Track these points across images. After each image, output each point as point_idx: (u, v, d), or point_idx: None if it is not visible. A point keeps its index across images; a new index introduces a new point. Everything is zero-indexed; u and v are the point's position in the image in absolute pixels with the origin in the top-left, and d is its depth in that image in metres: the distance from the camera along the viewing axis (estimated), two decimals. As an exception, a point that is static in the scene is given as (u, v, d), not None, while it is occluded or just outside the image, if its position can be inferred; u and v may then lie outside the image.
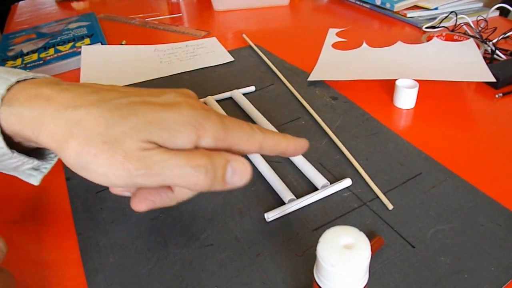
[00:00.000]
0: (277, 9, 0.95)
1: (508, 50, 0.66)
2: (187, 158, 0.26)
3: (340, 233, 0.23)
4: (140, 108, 0.26)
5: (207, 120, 0.27)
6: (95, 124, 0.25)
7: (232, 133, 0.28)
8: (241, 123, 0.29)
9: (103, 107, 0.26)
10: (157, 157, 0.25)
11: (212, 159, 0.26)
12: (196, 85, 0.61)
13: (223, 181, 0.27)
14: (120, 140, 0.25)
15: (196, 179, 0.26)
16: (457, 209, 0.37)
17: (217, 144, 0.28)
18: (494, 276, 0.31)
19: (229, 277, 0.32)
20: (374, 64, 0.62)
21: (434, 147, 0.45)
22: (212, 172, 0.26)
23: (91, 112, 0.26)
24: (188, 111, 0.27)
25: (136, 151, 0.25)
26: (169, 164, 0.25)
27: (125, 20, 0.93)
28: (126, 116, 0.26)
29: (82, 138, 0.25)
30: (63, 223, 0.38)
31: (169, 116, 0.26)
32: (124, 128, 0.25)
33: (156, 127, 0.26)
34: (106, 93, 0.27)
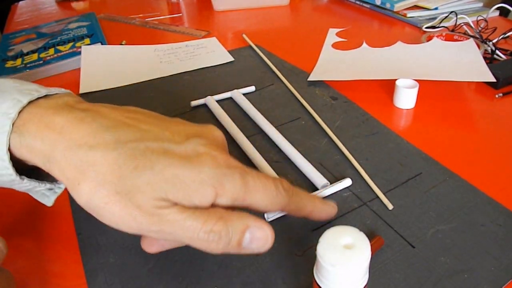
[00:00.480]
0: (277, 9, 0.95)
1: (508, 50, 0.66)
2: (202, 221, 0.24)
3: (340, 233, 0.24)
4: (157, 160, 0.24)
5: (229, 180, 0.25)
6: (109, 171, 0.24)
7: (253, 195, 0.26)
8: (267, 183, 0.27)
9: (119, 151, 0.24)
10: (171, 216, 0.24)
11: (228, 225, 0.25)
12: (196, 85, 0.61)
13: (239, 247, 0.26)
14: (134, 194, 0.24)
15: (207, 244, 0.25)
16: (457, 209, 0.37)
17: (234, 203, 0.26)
18: (494, 276, 0.31)
19: (229, 277, 0.32)
20: (374, 64, 0.62)
21: (434, 147, 0.45)
22: (226, 239, 0.25)
23: (106, 156, 0.24)
24: (209, 169, 0.25)
25: (150, 208, 0.24)
26: (183, 226, 0.24)
27: (125, 20, 0.93)
28: (142, 169, 0.24)
29: (94, 184, 0.24)
30: (63, 223, 0.38)
31: (186, 175, 0.25)
32: (138, 183, 0.24)
33: (172, 186, 0.24)
34: (123, 131, 0.25)
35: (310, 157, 0.44)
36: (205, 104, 0.55)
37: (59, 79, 0.68)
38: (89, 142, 0.25)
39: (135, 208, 0.24)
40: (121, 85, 0.62)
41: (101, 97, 0.59)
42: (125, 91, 0.61)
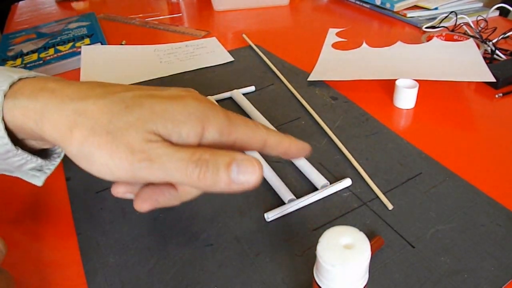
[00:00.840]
0: (277, 9, 0.95)
1: (508, 50, 0.66)
2: (190, 153, 0.25)
3: (340, 233, 0.23)
4: (145, 100, 0.26)
5: (213, 112, 0.27)
6: (100, 115, 0.25)
7: (236, 127, 0.28)
8: (246, 119, 0.29)
9: (109, 98, 0.26)
10: (160, 150, 0.25)
11: (215, 155, 0.25)
12: (196, 85, 0.61)
13: (228, 179, 0.25)
14: (125, 131, 0.25)
15: (197, 178, 0.25)
16: (457, 209, 0.37)
17: (221, 138, 0.27)
18: (494, 276, 0.31)
19: (229, 277, 0.32)
20: (374, 64, 0.62)
21: (434, 147, 0.45)
22: (214, 168, 0.25)
23: (97, 103, 0.25)
24: (194, 102, 0.27)
25: (140, 143, 0.25)
26: (172, 158, 0.25)
27: (125, 20, 0.93)
28: (132, 107, 0.25)
29: (86, 128, 0.25)
30: (63, 223, 0.38)
31: (174, 108, 0.26)
32: (129, 119, 0.25)
33: (161, 118, 0.25)
34: (111, 87, 0.27)
35: (310, 157, 0.44)
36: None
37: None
38: (80, 95, 0.26)
39: (127, 145, 0.24)
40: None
41: (101, 97, 0.59)
42: (125, 91, 0.60)
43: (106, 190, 0.41)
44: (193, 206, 0.39)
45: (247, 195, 0.40)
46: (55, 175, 0.44)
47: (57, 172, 0.44)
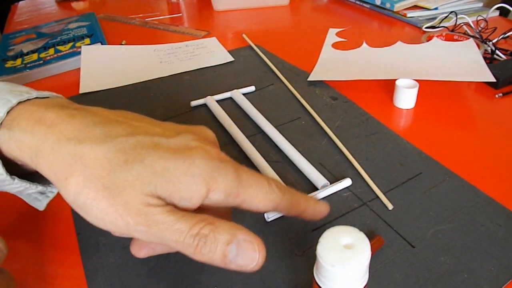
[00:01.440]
0: (277, 9, 0.95)
1: (508, 50, 0.66)
2: (190, 225, 0.23)
3: (340, 233, 0.23)
4: (147, 153, 0.24)
5: (221, 173, 0.25)
6: (98, 166, 0.23)
7: (246, 189, 0.26)
8: (260, 179, 0.27)
9: (108, 145, 0.24)
10: (159, 217, 0.23)
11: (215, 231, 0.24)
12: (196, 85, 0.61)
13: (224, 258, 0.24)
14: (122, 190, 0.23)
15: (193, 250, 0.23)
16: (457, 209, 0.37)
17: (227, 200, 0.25)
18: (494, 276, 0.31)
19: (229, 277, 0.32)
20: (374, 64, 0.62)
21: (434, 147, 0.45)
22: (212, 246, 0.23)
23: (95, 149, 0.24)
24: (201, 161, 0.24)
25: (138, 205, 0.23)
26: (170, 228, 0.23)
27: (125, 20, 0.93)
28: (131, 163, 0.23)
29: (82, 179, 0.23)
30: (63, 223, 0.38)
31: (178, 167, 0.24)
32: (127, 177, 0.23)
33: (162, 180, 0.23)
34: (114, 127, 0.25)
35: (310, 157, 0.44)
36: (205, 104, 0.55)
37: (59, 79, 0.68)
38: (79, 136, 0.24)
39: (124, 206, 0.23)
40: (121, 85, 0.62)
41: (101, 97, 0.59)
42: (125, 91, 0.61)
43: (106, 190, 0.41)
44: (193, 206, 0.39)
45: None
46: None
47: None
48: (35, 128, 0.25)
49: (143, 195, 0.23)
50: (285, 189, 0.28)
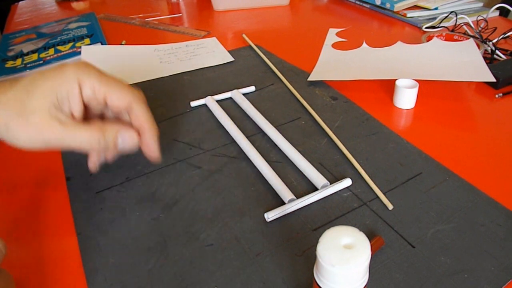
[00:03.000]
0: (277, 9, 0.95)
1: (508, 50, 0.66)
2: (85, 130, 0.34)
3: (340, 233, 0.23)
4: (40, 81, 0.34)
5: (86, 73, 0.35)
6: (13, 104, 0.33)
7: (106, 86, 0.35)
8: (122, 83, 0.37)
9: (14, 89, 0.33)
10: (63, 127, 0.33)
11: (105, 132, 0.35)
12: (196, 85, 0.61)
13: (115, 147, 0.36)
14: (33, 112, 0.33)
15: (93, 147, 0.35)
16: (457, 209, 0.37)
17: (94, 94, 0.35)
18: (494, 276, 0.31)
19: (229, 277, 0.32)
20: (374, 64, 0.62)
21: (434, 147, 0.45)
22: (105, 143, 0.35)
23: (7, 95, 0.33)
24: (71, 69, 0.34)
25: (48, 120, 0.33)
26: (73, 135, 0.34)
27: (125, 20, 0.93)
28: (31, 92, 0.33)
29: (5, 117, 0.33)
30: (63, 223, 0.38)
31: (57, 77, 0.34)
32: (33, 103, 0.33)
33: (52, 93, 0.33)
34: (15, 80, 0.35)
35: (310, 157, 0.44)
36: (205, 104, 0.55)
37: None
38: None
39: (38, 123, 0.33)
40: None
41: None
42: (125, 91, 0.60)
43: (106, 190, 0.41)
44: (193, 206, 0.39)
45: (247, 195, 0.40)
46: (55, 175, 0.44)
47: (57, 172, 0.44)
48: None
49: (48, 110, 0.33)
50: (143, 101, 0.38)
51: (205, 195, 0.40)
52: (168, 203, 0.39)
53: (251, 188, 0.41)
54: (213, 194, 0.40)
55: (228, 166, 0.44)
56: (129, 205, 0.39)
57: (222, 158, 0.45)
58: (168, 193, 0.40)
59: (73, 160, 0.46)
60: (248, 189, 0.40)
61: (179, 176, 0.43)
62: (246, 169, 0.43)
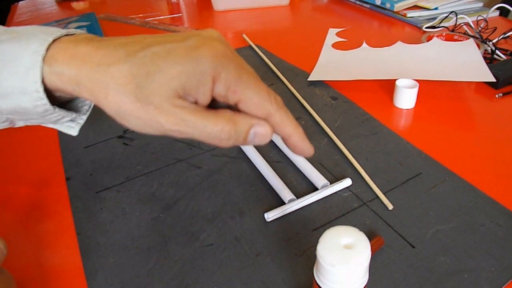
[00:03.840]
0: (277, 9, 0.95)
1: (508, 50, 0.66)
2: (214, 122, 0.28)
3: (340, 233, 0.23)
4: (163, 62, 0.28)
5: (224, 67, 0.28)
6: (127, 82, 0.28)
7: (243, 89, 0.29)
8: (260, 85, 0.30)
9: (130, 63, 0.28)
10: (187, 117, 0.28)
11: (237, 125, 0.29)
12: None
13: (245, 141, 0.30)
14: (152, 98, 0.27)
15: (219, 142, 0.29)
16: (457, 209, 0.37)
17: (227, 95, 0.29)
18: (494, 276, 0.31)
19: (229, 277, 0.32)
20: (374, 64, 0.62)
21: (434, 147, 0.45)
22: (236, 137, 0.29)
23: (121, 69, 0.28)
24: (207, 59, 0.28)
25: (167, 107, 0.28)
26: (198, 125, 0.28)
27: (125, 20, 0.93)
28: (153, 73, 0.28)
29: (118, 95, 0.28)
30: (63, 223, 0.38)
31: (189, 69, 0.28)
32: (153, 86, 0.27)
33: (179, 82, 0.28)
34: (132, 47, 0.29)
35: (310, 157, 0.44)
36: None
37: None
38: (106, 61, 0.29)
39: (155, 110, 0.27)
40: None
41: (101, 97, 0.59)
42: (125, 91, 0.60)
43: (106, 190, 0.41)
44: (193, 206, 0.39)
45: (247, 195, 0.40)
46: (55, 175, 0.44)
47: (57, 172, 0.44)
48: (71, 62, 0.29)
49: (169, 98, 0.28)
50: (282, 105, 0.31)
51: (205, 195, 0.40)
52: (168, 203, 0.39)
53: (251, 188, 0.41)
54: (213, 194, 0.40)
55: (228, 166, 0.44)
56: (129, 205, 0.39)
57: (222, 158, 0.45)
58: (168, 193, 0.41)
59: (73, 160, 0.46)
60: (248, 189, 0.40)
61: (179, 176, 0.43)
62: (246, 169, 0.43)
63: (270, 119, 0.30)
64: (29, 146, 0.49)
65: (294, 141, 0.32)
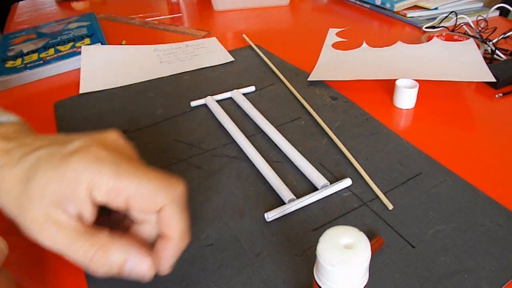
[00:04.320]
0: (277, 9, 0.95)
1: (508, 50, 0.66)
2: (85, 247, 0.26)
3: (340, 233, 0.23)
4: (40, 167, 0.26)
5: (97, 171, 0.25)
6: (13, 186, 0.26)
7: (126, 187, 0.26)
8: (149, 176, 0.27)
9: (20, 165, 0.27)
10: (58, 234, 0.26)
11: (108, 255, 0.26)
12: (196, 85, 0.61)
13: (120, 275, 0.27)
14: (28, 206, 0.26)
15: (90, 268, 0.26)
16: (457, 209, 0.37)
17: (112, 199, 0.26)
18: (494, 276, 0.31)
19: (229, 277, 0.32)
20: (374, 64, 0.62)
21: (434, 147, 0.45)
22: (106, 268, 0.26)
23: (11, 172, 0.27)
24: (78, 164, 0.26)
25: (40, 220, 0.26)
26: (69, 247, 0.26)
27: (125, 20, 0.93)
28: (31, 180, 0.26)
29: (4, 198, 0.27)
30: (63, 223, 0.38)
31: (59, 175, 0.25)
32: (31, 194, 0.26)
33: (50, 191, 0.25)
34: (26, 148, 0.28)
35: (310, 157, 0.44)
36: (205, 104, 0.55)
37: (59, 79, 0.68)
38: (6, 162, 0.27)
39: (30, 221, 0.26)
40: (121, 85, 0.62)
41: (101, 97, 0.59)
42: (125, 91, 0.61)
43: (106, 190, 0.41)
44: (193, 206, 0.39)
45: (247, 195, 0.40)
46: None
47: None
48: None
49: (45, 207, 0.25)
50: (178, 200, 0.27)
51: (205, 195, 0.40)
52: (168, 203, 0.39)
53: (251, 188, 0.41)
54: (213, 194, 0.40)
55: (228, 166, 0.44)
56: (129, 205, 0.39)
57: (222, 158, 0.45)
58: (168, 193, 0.40)
59: (73, 160, 0.46)
60: (248, 189, 0.40)
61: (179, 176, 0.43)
62: (246, 169, 0.43)
63: (162, 212, 0.27)
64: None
65: (167, 246, 0.28)
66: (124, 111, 0.55)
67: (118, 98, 0.59)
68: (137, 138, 0.49)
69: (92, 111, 0.56)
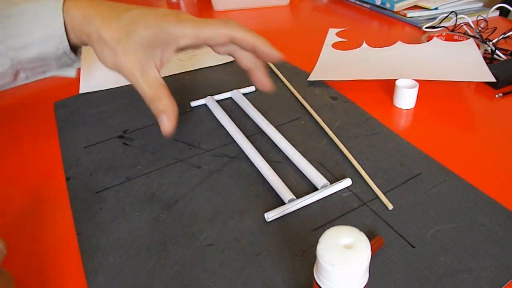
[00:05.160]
0: (277, 9, 0.95)
1: (508, 50, 0.66)
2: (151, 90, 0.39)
3: (340, 233, 0.23)
4: (139, 24, 0.38)
5: (182, 25, 0.38)
6: (113, 34, 0.38)
7: (203, 32, 0.39)
8: (214, 22, 0.40)
9: (118, 21, 0.38)
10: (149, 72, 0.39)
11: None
12: (196, 85, 0.61)
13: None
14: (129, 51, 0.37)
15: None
16: (457, 209, 0.37)
17: (194, 42, 0.39)
18: (494, 276, 0.31)
19: (229, 277, 0.32)
20: (374, 64, 0.62)
21: (434, 147, 0.45)
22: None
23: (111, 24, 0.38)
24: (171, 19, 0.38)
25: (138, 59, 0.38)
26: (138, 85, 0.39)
27: (125, 20, 0.93)
28: (131, 33, 0.37)
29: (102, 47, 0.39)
30: (63, 223, 0.38)
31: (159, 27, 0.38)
32: (130, 43, 0.37)
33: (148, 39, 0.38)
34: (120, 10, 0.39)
35: (310, 157, 0.44)
36: (205, 104, 0.55)
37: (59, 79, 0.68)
38: (104, 15, 0.38)
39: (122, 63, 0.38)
40: (121, 85, 0.62)
41: (101, 97, 0.59)
42: (125, 91, 0.60)
43: (106, 190, 0.41)
44: (193, 206, 0.39)
45: (247, 195, 0.40)
46: (55, 174, 0.44)
47: (57, 172, 0.44)
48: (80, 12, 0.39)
49: (141, 54, 0.38)
50: (238, 26, 0.40)
51: (205, 195, 0.40)
52: (168, 203, 0.39)
53: (251, 188, 0.41)
54: (213, 194, 0.40)
55: (228, 166, 0.44)
56: (129, 205, 0.39)
57: (222, 158, 0.45)
58: (168, 193, 0.41)
59: (73, 160, 0.46)
60: (248, 189, 0.41)
61: (179, 176, 0.43)
62: (246, 169, 0.43)
63: (234, 39, 0.40)
64: (29, 146, 0.49)
65: (262, 49, 0.41)
66: (124, 111, 0.55)
67: (118, 98, 0.59)
68: (137, 138, 0.49)
69: (92, 111, 0.56)
